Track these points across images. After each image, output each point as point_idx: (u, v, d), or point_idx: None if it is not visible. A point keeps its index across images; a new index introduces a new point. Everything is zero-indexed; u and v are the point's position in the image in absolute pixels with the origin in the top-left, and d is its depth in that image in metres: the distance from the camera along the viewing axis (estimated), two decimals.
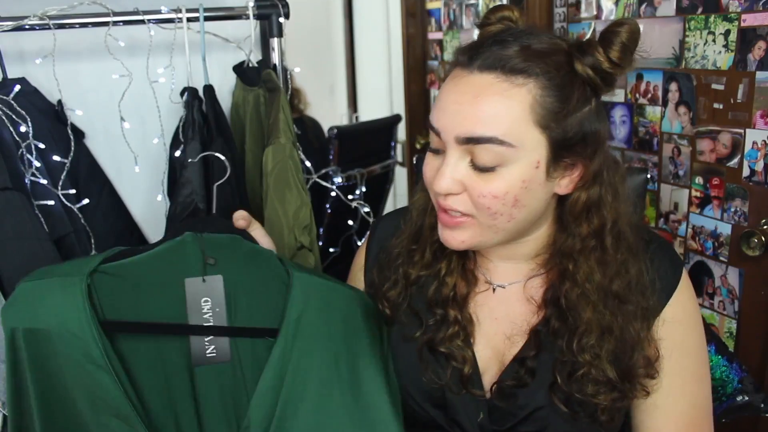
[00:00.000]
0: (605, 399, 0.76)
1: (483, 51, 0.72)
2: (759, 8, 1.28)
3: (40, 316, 0.69)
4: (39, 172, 1.08)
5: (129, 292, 0.75)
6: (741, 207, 1.38)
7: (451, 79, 0.74)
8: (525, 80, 0.69)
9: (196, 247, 0.77)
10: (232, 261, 0.79)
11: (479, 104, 0.70)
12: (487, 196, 0.72)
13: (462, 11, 2.33)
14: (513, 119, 0.69)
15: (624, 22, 0.71)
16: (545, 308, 0.81)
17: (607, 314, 0.77)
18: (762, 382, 1.37)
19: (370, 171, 2.35)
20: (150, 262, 0.76)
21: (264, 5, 1.25)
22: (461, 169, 0.72)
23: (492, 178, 0.71)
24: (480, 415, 0.81)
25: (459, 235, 0.77)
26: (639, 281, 0.79)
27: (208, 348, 0.77)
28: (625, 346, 0.76)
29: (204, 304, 0.77)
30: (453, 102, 0.72)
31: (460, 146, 0.72)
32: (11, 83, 1.10)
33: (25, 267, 0.98)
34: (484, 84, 0.70)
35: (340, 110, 3.61)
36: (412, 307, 0.87)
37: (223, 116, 1.24)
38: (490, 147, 0.70)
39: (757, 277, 1.38)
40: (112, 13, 1.12)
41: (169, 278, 0.76)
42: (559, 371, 0.77)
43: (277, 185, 1.09)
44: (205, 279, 0.76)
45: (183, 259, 0.76)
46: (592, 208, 0.77)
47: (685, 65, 1.46)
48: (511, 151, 0.70)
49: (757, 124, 1.32)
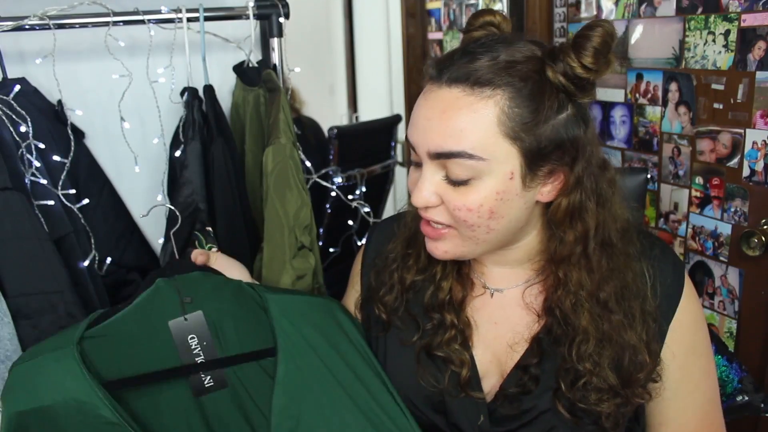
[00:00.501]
0: (609, 407, 0.76)
1: (452, 64, 0.71)
2: (759, 8, 1.28)
3: (42, 394, 0.69)
4: (39, 172, 1.08)
5: (120, 349, 0.77)
6: (741, 207, 1.38)
7: (423, 94, 0.74)
8: (492, 92, 0.69)
9: (171, 290, 0.79)
10: (206, 295, 0.82)
11: (447, 119, 0.70)
12: (462, 209, 0.72)
13: (462, 11, 2.33)
14: (481, 133, 0.69)
15: (597, 25, 0.69)
16: (546, 316, 0.81)
17: (603, 322, 0.77)
18: (762, 382, 1.37)
19: (370, 171, 2.35)
20: (132, 316, 0.78)
21: (264, 5, 1.25)
22: (436, 183, 0.73)
23: (466, 191, 0.72)
24: (480, 418, 0.81)
25: (442, 245, 0.78)
26: (636, 286, 0.79)
27: (206, 379, 0.81)
28: (624, 353, 0.76)
29: (191, 341, 0.80)
30: (423, 117, 0.72)
31: (433, 161, 0.73)
32: (11, 83, 1.10)
33: (25, 267, 0.99)
34: (451, 98, 0.70)
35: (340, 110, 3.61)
36: (409, 312, 0.87)
37: (223, 116, 1.24)
38: (461, 161, 0.70)
39: (757, 277, 1.38)
40: (112, 13, 1.12)
41: (153, 326, 0.79)
42: (563, 378, 0.77)
43: (277, 185, 1.09)
44: (187, 318, 0.80)
45: (161, 304, 0.79)
46: (575, 214, 0.77)
47: (685, 65, 1.46)
48: (482, 164, 0.70)
49: (757, 124, 1.32)
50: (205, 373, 0.81)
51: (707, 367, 0.84)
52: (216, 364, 0.81)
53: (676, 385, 0.81)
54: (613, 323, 0.76)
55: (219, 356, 0.82)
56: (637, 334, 0.77)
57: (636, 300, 0.78)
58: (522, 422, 0.80)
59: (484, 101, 0.69)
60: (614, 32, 0.70)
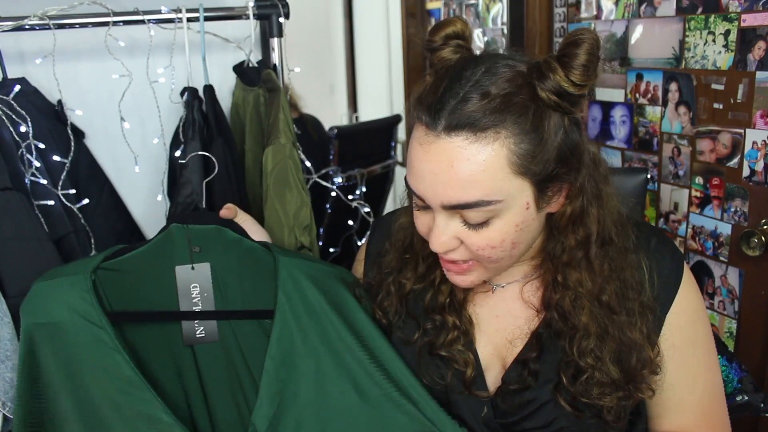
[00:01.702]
0: (611, 401, 0.76)
1: (442, 108, 0.68)
2: (759, 8, 1.28)
3: (54, 311, 0.78)
4: (39, 172, 1.08)
5: (128, 284, 0.82)
6: (741, 207, 1.38)
7: (419, 143, 0.70)
8: (495, 134, 0.67)
9: (182, 238, 0.83)
10: (217, 249, 0.85)
11: (456, 172, 0.68)
12: (485, 248, 0.72)
13: (462, 11, 2.33)
14: (493, 177, 0.68)
15: (581, 40, 0.67)
16: (545, 311, 0.82)
17: (603, 319, 0.77)
18: (762, 381, 1.37)
19: (370, 171, 2.36)
20: (144, 256, 0.83)
21: (264, 5, 1.25)
22: (453, 228, 0.73)
23: (486, 232, 0.71)
24: (483, 410, 0.82)
25: (468, 277, 0.78)
26: (635, 280, 0.79)
27: (198, 329, 0.84)
28: (624, 348, 0.77)
29: (193, 290, 0.83)
30: (429, 172, 0.70)
31: (447, 210, 0.71)
32: (11, 83, 1.10)
33: (25, 267, 0.99)
34: (455, 149, 0.67)
35: (340, 110, 3.62)
36: (410, 313, 0.87)
37: (223, 116, 1.24)
38: (474, 211, 0.70)
39: (757, 277, 1.38)
40: (112, 13, 1.12)
41: (161, 268, 0.83)
42: (564, 372, 0.78)
43: (277, 185, 1.09)
44: (194, 266, 0.83)
45: (171, 249, 0.83)
46: (577, 220, 0.77)
47: (685, 65, 1.46)
48: (499, 206, 0.69)
49: (757, 124, 1.32)
50: (199, 323, 0.84)
51: (708, 360, 0.83)
52: (209, 315, 0.84)
53: (675, 376, 0.81)
54: (616, 323, 0.77)
55: (215, 309, 0.85)
56: (639, 330, 0.77)
57: (635, 294, 0.78)
58: (524, 414, 0.80)
59: (489, 146, 0.67)
60: (598, 42, 0.68)
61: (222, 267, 0.85)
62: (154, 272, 0.83)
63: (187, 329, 0.84)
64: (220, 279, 0.85)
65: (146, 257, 0.83)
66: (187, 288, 0.83)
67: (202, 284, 0.84)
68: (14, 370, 0.95)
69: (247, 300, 0.86)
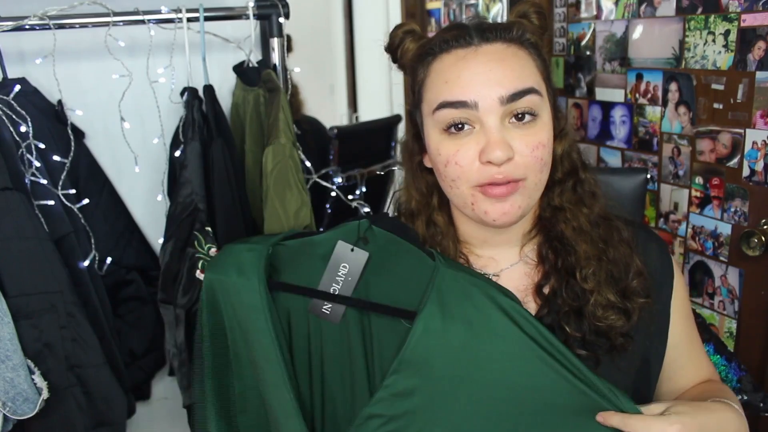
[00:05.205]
0: (617, 319, 0.80)
1: (470, 29, 0.79)
2: (759, 8, 1.28)
3: (229, 270, 0.86)
4: (39, 172, 1.08)
5: (300, 260, 0.87)
6: (741, 207, 1.38)
7: (460, 59, 0.77)
8: (520, 44, 0.79)
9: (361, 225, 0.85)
10: (382, 248, 0.85)
11: (509, 64, 0.76)
12: (537, 146, 0.76)
13: (462, 11, 2.33)
14: (534, 72, 0.78)
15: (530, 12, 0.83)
16: (543, 264, 0.85)
17: (599, 241, 0.83)
18: (762, 381, 1.37)
19: (370, 171, 2.36)
20: (326, 240, 0.86)
21: (264, 5, 1.25)
22: (506, 131, 0.76)
23: (534, 131, 0.76)
24: None
25: (514, 201, 0.77)
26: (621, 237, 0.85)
27: (326, 305, 0.86)
28: (618, 266, 0.82)
29: (342, 269, 0.85)
30: (480, 73, 0.75)
31: (501, 108, 0.74)
32: (11, 83, 1.10)
33: (25, 267, 0.99)
34: (499, 50, 0.77)
35: (340, 110, 3.62)
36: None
37: (223, 116, 1.24)
38: (530, 98, 0.75)
39: (757, 277, 1.38)
40: (112, 13, 1.12)
41: (330, 246, 0.86)
42: (566, 322, 0.81)
43: (277, 185, 1.09)
44: (354, 249, 0.84)
45: (346, 233, 0.85)
46: (564, 157, 0.85)
47: (685, 65, 1.46)
48: (542, 102, 0.77)
49: (757, 124, 1.32)
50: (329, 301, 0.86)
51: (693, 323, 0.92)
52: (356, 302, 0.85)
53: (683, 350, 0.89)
54: (611, 236, 0.84)
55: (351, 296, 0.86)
56: (624, 250, 0.83)
57: (618, 235, 0.84)
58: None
59: (522, 50, 0.78)
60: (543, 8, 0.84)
61: (379, 264, 0.85)
62: (322, 251, 0.86)
63: (316, 301, 0.87)
64: (370, 272, 0.85)
65: (327, 241, 0.86)
66: (337, 265, 0.84)
67: (351, 268, 0.84)
68: (14, 370, 0.95)
69: (389, 297, 0.84)
